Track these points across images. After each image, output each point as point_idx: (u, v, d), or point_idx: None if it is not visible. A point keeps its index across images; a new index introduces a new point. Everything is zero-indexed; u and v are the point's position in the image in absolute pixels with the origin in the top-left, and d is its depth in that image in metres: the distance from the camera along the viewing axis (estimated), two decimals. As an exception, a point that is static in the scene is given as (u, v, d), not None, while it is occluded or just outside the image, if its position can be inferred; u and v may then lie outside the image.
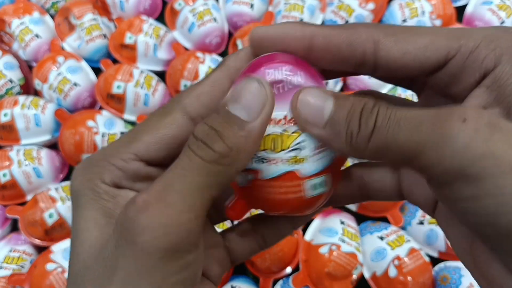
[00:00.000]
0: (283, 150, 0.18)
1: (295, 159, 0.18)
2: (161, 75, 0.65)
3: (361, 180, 0.21)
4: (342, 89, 0.62)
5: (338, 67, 0.18)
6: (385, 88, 0.60)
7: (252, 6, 0.66)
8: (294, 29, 0.18)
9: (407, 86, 0.22)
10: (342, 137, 0.16)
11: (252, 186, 0.19)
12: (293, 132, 0.18)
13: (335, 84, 0.61)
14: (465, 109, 0.14)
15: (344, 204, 0.23)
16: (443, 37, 0.16)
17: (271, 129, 0.18)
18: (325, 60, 0.18)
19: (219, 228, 0.24)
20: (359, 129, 0.16)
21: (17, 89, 0.65)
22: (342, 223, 0.52)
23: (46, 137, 0.62)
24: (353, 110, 0.16)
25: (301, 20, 0.64)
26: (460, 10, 0.65)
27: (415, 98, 0.22)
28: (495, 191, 0.13)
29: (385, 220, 0.54)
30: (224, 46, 0.68)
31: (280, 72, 0.18)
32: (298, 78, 0.18)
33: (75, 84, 0.63)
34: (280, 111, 0.18)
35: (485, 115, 0.14)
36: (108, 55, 0.68)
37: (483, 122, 0.14)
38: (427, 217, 0.51)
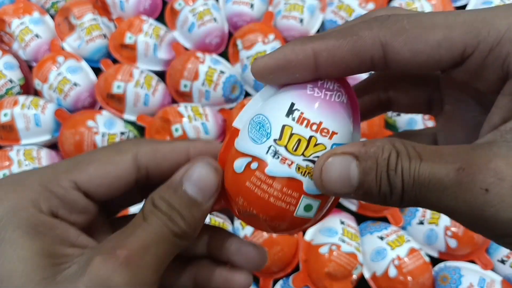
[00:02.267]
0: (302, 155, 0.17)
1: (308, 169, 0.17)
2: (161, 75, 0.65)
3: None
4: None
5: (349, 75, 0.18)
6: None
7: (252, 6, 0.66)
8: (294, 52, 0.17)
9: (426, 110, 0.22)
10: (375, 198, 0.16)
11: (249, 175, 0.18)
12: (319, 143, 0.17)
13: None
14: (487, 173, 0.14)
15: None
16: (458, 31, 0.15)
17: (301, 128, 0.17)
18: (335, 73, 0.17)
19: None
20: (391, 192, 0.15)
21: (17, 89, 0.65)
22: (342, 223, 0.52)
23: (46, 137, 0.62)
24: (380, 172, 0.15)
25: (301, 20, 0.64)
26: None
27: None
28: None
29: (385, 220, 0.54)
30: (224, 46, 0.68)
31: (332, 84, 0.18)
32: (344, 98, 0.18)
33: (75, 84, 0.63)
34: (319, 115, 0.17)
35: (508, 177, 0.14)
36: (108, 55, 0.68)
37: (506, 187, 0.14)
38: (427, 217, 0.51)
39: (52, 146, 0.63)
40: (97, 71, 0.66)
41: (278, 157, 0.17)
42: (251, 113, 0.19)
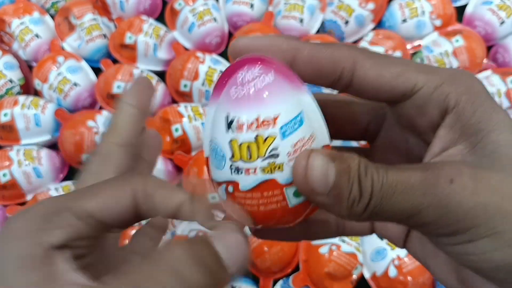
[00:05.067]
0: (259, 157, 0.17)
1: (273, 165, 0.17)
2: (161, 75, 0.65)
3: (337, 219, 0.22)
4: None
5: (315, 82, 0.19)
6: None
7: (252, 6, 0.66)
8: (279, 42, 0.18)
9: (359, 136, 0.23)
10: (344, 204, 0.16)
11: (233, 199, 0.18)
12: (266, 138, 0.17)
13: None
14: (450, 169, 0.16)
15: (320, 239, 0.24)
16: (413, 70, 0.18)
17: (244, 135, 0.17)
18: (306, 74, 0.18)
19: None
20: (361, 196, 0.16)
21: (17, 89, 0.65)
22: (342, 223, 0.52)
23: (46, 137, 0.62)
24: (353, 174, 0.16)
25: (301, 20, 0.64)
26: (460, 10, 0.65)
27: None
28: (487, 233, 0.16)
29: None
30: (224, 46, 0.68)
31: (252, 72, 0.18)
32: (270, 77, 0.18)
33: (75, 84, 0.63)
34: (252, 113, 0.17)
35: (466, 172, 0.16)
36: (108, 55, 0.68)
37: (466, 179, 0.16)
38: (427, 217, 0.52)
39: (52, 146, 0.63)
40: (97, 71, 0.66)
41: (242, 172, 0.18)
42: (208, 139, 0.19)
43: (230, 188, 0.18)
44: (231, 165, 0.18)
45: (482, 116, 0.17)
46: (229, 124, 0.18)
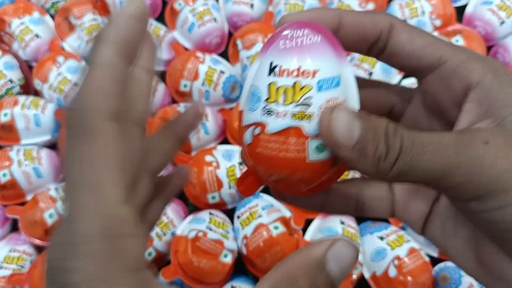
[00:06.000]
0: (292, 102, 0.18)
1: (302, 114, 0.18)
2: (161, 75, 0.65)
3: (358, 195, 0.22)
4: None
5: (356, 47, 0.20)
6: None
7: (252, 6, 0.66)
8: (325, 11, 0.20)
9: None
10: (369, 160, 0.16)
11: (257, 141, 0.19)
12: (303, 86, 0.18)
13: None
14: (484, 132, 0.17)
15: (338, 214, 0.23)
16: (442, 44, 0.19)
17: (283, 80, 0.18)
18: (349, 37, 0.20)
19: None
20: (387, 152, 0.16)
21: (17, 89, 0.65)
22: (342, 223, 0.52)
23: (46, 137, 0.62)
24: (380, 132, 0.16)
25: (301, 20, 0.64)
26: (460, 10, 0.65)
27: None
28: None
29: (385, 220, 0.54)
30: (224, 46, 0.68)
31: (302, 31, 0.19)
32: (317, 38, 0.19)
33: (76, 85, 0.63)
34: (295, 62, 0.18)
35: (500, 137, 0.16)
36: (108, 55, 0.68)
37: (501, 142, 0.16)
38: (427, 217, 0.51)
39: (52, 146, 0.63)
40: (97, 71, 0.66)
41: (273, 114, 0.18)
42: (248, 86, 0.20)
43: (257, 130, 0.19)
44: (264, 107, 0.18)
45: (509, 92, 0.17)
46: (272, 69, 0.19)
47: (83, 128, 0.17)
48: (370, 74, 0.64)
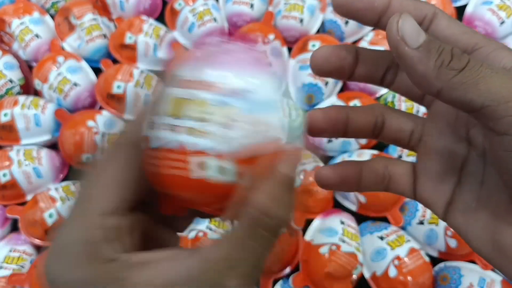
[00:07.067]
0: (184, 117, 0.16)
1: (192, 130, 0.16)
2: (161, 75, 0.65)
3: (384, 170, 0.24)
4: (342, 89, 0.62)
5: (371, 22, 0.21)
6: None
7: (252, 6, 0.66)
8: None
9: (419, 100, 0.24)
10: (431, 61, 0.17)
11: (144, 157, 0.17)
12: (202, 100, 0.16)
13: (335, 84, 0.61)
14: None
15: (367, 190, 0.24)
16: (477, 33, 0.20)
17: (178, 90, 0.17)
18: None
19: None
20: (450, 61, 0.17)
21: (17, 89, 0.65)
22: (342, 223, 0.52)
23: (46, 137, 0.62)
24: (444, 46, 0.17)
25: (301, 20, 0.64)
26: (460, 10, 0.65)
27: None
28: None
29: (385, 220, 0.54)
30: (224, 46, 0.68)
31: (213, 40, 0.18)
32: (232, 45, 0.18)
33: (75, 84, 0.63)
34: (196, 72, 0.17)
35: None
36: (108, 55, 0.68)
37: None
38: (427, 217, 0.51)
39: (52, 146, 0.63)
40: (97, 71, 0.66)
41: (154, 128, 0.17)
42: None
43: (143, 144, 0.18)
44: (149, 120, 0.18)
45: None
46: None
47: (108, 152, 0.19)
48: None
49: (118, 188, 0.18)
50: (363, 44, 0.62)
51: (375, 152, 0.55)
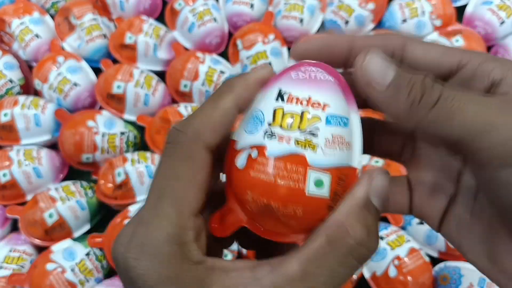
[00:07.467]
0: (299, 129, 0.17)
1: (309, 142, 0.17)
2: (161, 75, 0.65)
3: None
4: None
5: None
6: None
7: (252, 6, 0.66)
8: (337, 36, 0.20)
9: (396, 156, 0.24)
10: (401, 102, 0.17)
11: (252, 165, 0.18)
12: (312, 116, 0.18)
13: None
14: None
15: None
16: (457, 50, 0.19)
17: (291, 106, 0.18)
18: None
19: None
20: (422, 97, 0.16)
21: (17, 89, 0.65)
22: (342, 223, 0.52)
23: (46, 137, 0.62)
24: (415, 79, 0.17)
25: (301, 20, 0.64)
26: (460, 10, 0.65)
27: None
28: None
29: (385, 220, 0.54)
30: (224, 46, 0.68)
31: (317, 69, 0.19)
32: (330, 78, 0.19)
33: (75, 84, 0.63)
34: (305, 92, 0.18)
35: None
36: (108, 55, 0.68)
37: None
38: (427, 217, 0.51)
39: (52, 146, 0.63)
40: (97, 71, 0.66)
41: (275, 137, 0.17)
42: (248, 112, 0.20)
43: (254, 153, 0.18)
44: (266, 129, 0.18)
45: None
46: (281, 96, 0.18)
47: (183, 150, 0.19)
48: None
49: (199, 189, 0.18)
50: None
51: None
